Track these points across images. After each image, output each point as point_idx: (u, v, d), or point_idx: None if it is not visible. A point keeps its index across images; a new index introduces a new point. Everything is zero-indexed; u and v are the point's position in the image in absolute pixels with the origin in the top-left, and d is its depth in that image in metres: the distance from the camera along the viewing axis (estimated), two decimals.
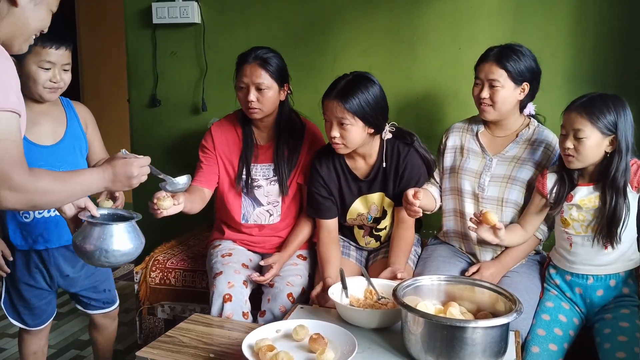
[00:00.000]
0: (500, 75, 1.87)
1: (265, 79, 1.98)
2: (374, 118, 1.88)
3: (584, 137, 1.65)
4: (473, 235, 1.97)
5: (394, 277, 1.82)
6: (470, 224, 1.80)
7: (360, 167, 2.04)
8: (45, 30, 1.30)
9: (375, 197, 2.04)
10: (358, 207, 2.07)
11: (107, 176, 1.35)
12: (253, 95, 1.98)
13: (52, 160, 1.79)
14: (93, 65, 4.58)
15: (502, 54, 1.88)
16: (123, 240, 1.48)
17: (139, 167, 1.40)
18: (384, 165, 1.98)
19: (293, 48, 2.69)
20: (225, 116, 2.23)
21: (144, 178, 1.43)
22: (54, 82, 1.73)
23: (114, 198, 1.75)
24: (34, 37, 1.28)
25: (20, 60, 1.70)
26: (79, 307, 2.09)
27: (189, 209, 1.93)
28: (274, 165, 2.11)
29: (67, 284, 1.97)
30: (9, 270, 1.87)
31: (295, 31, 2.69)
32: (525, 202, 1.92)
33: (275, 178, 2.12)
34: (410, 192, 1.78)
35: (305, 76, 2.69)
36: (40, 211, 1.81)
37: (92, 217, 1.49)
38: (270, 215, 2.15)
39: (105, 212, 1.55)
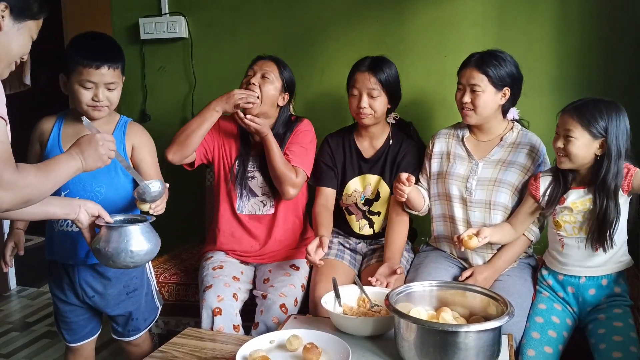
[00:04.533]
0: (481, 80, 1.90)
1: (274, 71, 2.09)
2: (395, 93, 2.12)
3: (573, 138, 1.69)
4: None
5: (392, 273, 1.90)
6: (457, 244, 1.83)
7: (366, 147, 2.20)
8: (25, 58, 1.30)
9: (373, 178, 2.17)
10: (355, 184, 2.20)
11: (76, 155, 1.38)
12: (256, 80, 2.06)
13: (85, 175, 1.70)
14: None
15: (483, 60, 1.91)
16: (143, 240, 1.57)
17: (104, 140, 1.43)
18: (390, 143, 2.16)
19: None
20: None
21: (113, 154, 1.46)
22: (96, 101, 1.69)
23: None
24: (15, 63, 1.28)
25: (69, 79, 1.69)
26: (111, 332, 1.98)
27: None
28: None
29: (97, 305, 1.86)
30: (10, 265, 1.83)
31: (283, 44, 2.71)
32: (513, 204, 1.95)
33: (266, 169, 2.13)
34: (405, 175, 1.88)
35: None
36: (61, 224, 1.79)
37: (107, 223, 1.56)
38: (264, 205, 2.18)
39: (118, 218, 1.63)
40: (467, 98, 1.93)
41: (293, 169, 2.08)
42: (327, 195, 2.18)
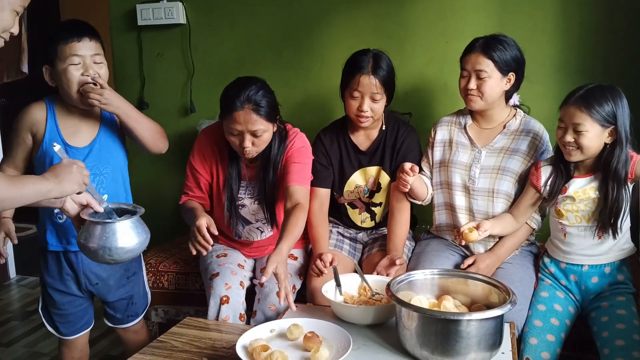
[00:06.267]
0: (487, 66, 1.87)
1: (261, 124, 1.82)
2: (393, 90, 2.02)
3: (584, 131, 1.65)
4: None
5: (392, 264, 1.88)
6: (457, 237, 1.82)
7: (362, 140, 2.12)
8: (15, 32, 1.26)
9: (374, 170, 2.11)
10: (357, 179, 2.13)
11: (50, 178, 1.31)
12: (249, 142, 1.83)
13: (89, 160, 1.74)
14: None
15: (488, 45, 1.88)
16: (126, 236, 1.45)
17: (77, 166, 1.36)
18: (384, 128, 2.08)
19: (280, 48, 2.68)
20: (213, 125, 2.08)
21: (88, 180, 1.38)
22: (88, 75, 1.65)
23: None
24: (2, 40, 1.25)
25: (53, 66, 1.66)
26: (106, 322, 1.97)
27: None
28: (259, 186, 2.00)
29: (100, 292, 1.87)
30: (5, 256, 1.80)
31: (283, 31, 2.68)
32: (516, 193, 1.93)
33: (259, 197, 2.02)
34: (408, 164, 1.85)
35: (293, 75, 2.68)
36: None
37: (95, 213, 1.47)
38: (262, 232, 2.09)
39: (110, 206, 1.52)
40: (472, 84, 1.89)
41: (300, 216, 1.83)
42: (322, 196, 2.09)
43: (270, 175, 1.97)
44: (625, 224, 1.74)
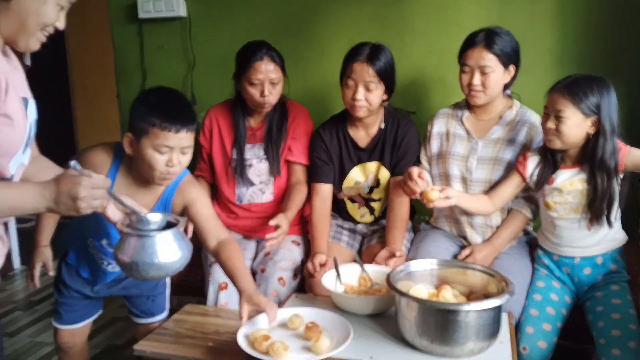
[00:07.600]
0: (490, 60, 1.86)
1: (278, 72, 2.06)
2: (392, 83, 2.02)
3: (565, 117, 1.66)
4: (464, 219, 1.99)
5: (392, 255, 1.88)
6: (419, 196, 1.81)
7: (362, 136, 2.11)
8: (61, 27, 1.19)
9: (373, 166, 2.11)
10: (356, 175, 2.13)
11: (47, 194, 1.10)
12: (268, 90, 2.03)
13: None
14: (81, 62, 4.54)
15: (490, 39, 1.87)
16: (163, 251, 1.31)
17: (90, 189, 1.12)
18: (383, 127, 2.08)
19: (280, 39, 2.66)
20: (221, 103, 2.27)
21: (97, 203, 1.15)
22: (170, 167, 1.50)
23: None
24: (45, 33, 1.18)
25: (138, 140, 1.49)
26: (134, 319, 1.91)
27: None
28: (265, 145, 2.15)
29: (105, 292, 1.82)
30: (37, 286, 1.76)
31: (282, 22, 2.68)
32: None
33: (266, 157, 2.16)
34: (416, 170, 1.80)
35: (293, 67, 2.65)
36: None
37: (131, 223, 1.35)
38: (263, 193, 2.18)
39: (156, 218, 1.39)
40: (476, 80, 1.88)
41: (302, 190, 2.12)
42: (324, 192, 2.11)
43: (274, 132, 2.13)
44: (616, 214, 1.74)
